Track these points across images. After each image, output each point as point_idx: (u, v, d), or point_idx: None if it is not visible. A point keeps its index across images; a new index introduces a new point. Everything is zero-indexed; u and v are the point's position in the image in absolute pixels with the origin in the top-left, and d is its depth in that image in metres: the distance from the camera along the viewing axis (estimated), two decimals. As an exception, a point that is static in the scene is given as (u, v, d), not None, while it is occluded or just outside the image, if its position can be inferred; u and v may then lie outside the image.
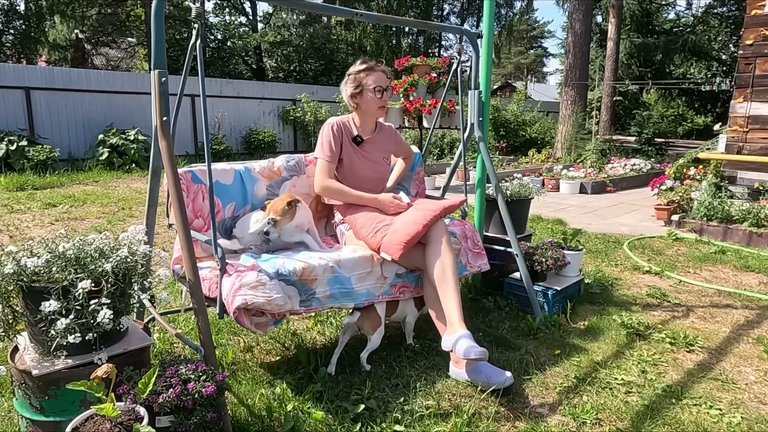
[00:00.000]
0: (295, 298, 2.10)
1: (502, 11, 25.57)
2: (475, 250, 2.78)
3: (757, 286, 3.64)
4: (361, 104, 2.60)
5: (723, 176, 5.78)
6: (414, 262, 2.41)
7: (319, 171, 2.57)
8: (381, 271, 2.37)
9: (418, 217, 2.37)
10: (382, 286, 2.37)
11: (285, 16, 24.26)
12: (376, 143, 2.71)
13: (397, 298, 2.44)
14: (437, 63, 7.13)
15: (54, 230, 4.83)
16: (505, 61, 40.29)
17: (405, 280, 2.46)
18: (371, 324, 2.32)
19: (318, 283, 2.17)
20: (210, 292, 2.11)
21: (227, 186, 2.49)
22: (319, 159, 2.57)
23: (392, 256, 2.28)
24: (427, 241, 2.35)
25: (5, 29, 18.11)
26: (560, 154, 11.82)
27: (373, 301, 2.34)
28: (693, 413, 2.03)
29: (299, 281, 2.11)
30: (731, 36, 21.11)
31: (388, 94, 2.63)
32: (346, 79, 2.61)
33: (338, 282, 2.23)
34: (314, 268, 2.16)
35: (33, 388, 1.56)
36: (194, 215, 2.34)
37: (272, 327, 2.10)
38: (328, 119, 2.63)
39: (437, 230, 2.34)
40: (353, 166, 2.62)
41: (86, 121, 10.17)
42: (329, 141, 2.56)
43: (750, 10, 5.46)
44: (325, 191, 2.57)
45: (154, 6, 1.88)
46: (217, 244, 1.96)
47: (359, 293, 2.29)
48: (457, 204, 2.52)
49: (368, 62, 2.59)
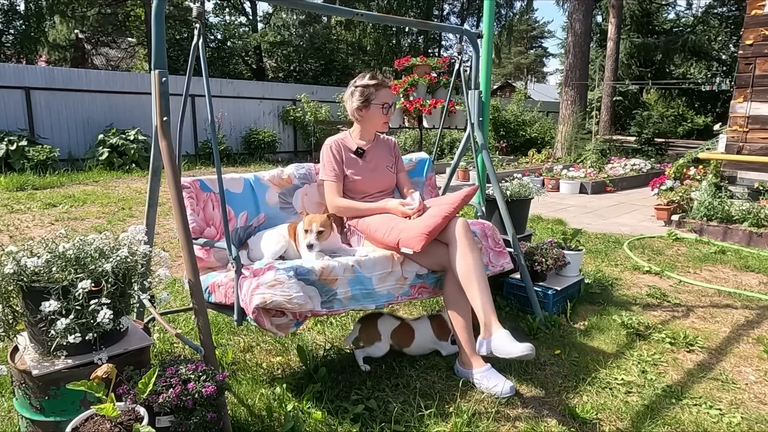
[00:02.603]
0: (316, 298, 2.03)
1: (502, 11, 25.57)
2: (497, 248, 2.72)
3: (757, 286, 3.64)
4: (366, 118, 2.60)
5: (723, 176, 5.78)
6: (437, 261, 2.35)
7: (328, 192, 2.58)
8: (401, 272, 2.30)
9: (436, 210, 2.32)
10: (402, 287, 2.30)
11: (285, 16, 24.25)
12: (377, 152, 2.71)
13: (416, 298, 2.40)
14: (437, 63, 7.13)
15: (54, 230, 4.83)
16: (505, 61, 40.29)
17: (425, 280, 2.39)
18: (368, 337, 2.32)
19: (339, 284, 2.09)
20: (227, 299, 2.05)
21: (237, 195, 2.46)
22: (326, 181, 2.58)
23: (413, 248, 2.19)
24: (449, 240, 2.29)
25: (5, 29, 18.11)
26: (560, 154, 11.82)
27: (393, 302, 2.29)
28: (693, 413, 2.03)
29: (319, 281, 2.04)
30: (731, 36, 21.12)
31: (393, 110, 2.64)
32: (353, 91, 2.58)
33: (359, 282, 2.16)
34: (334, 267, 2.09)
35: (33, 388, 1.56)
36: (205, 224, 2.32)
37: (294, 328, 2.01)
38: (326, 140, 2.63)
39: (459, 228, 2.28)
40: (360, 179, 2.61)
41: (86, 121, 10.17)
42: (331, 161, 2.57)
43: (750, 10, 5.46)
44: (338, 210, 2.54)
45: (154, 6, 1.88)
46: (231, 243, 1.94)
47: (380, 294, 2.22)
48: (471, 193, 2.46)
49: (377, 77, 2.58)
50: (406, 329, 2.41)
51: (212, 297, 2.13)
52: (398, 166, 2.80)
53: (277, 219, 2.55)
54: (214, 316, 2.72)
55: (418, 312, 3.04)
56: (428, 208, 2.41)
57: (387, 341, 2.35)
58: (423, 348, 2.44)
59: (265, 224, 2.53)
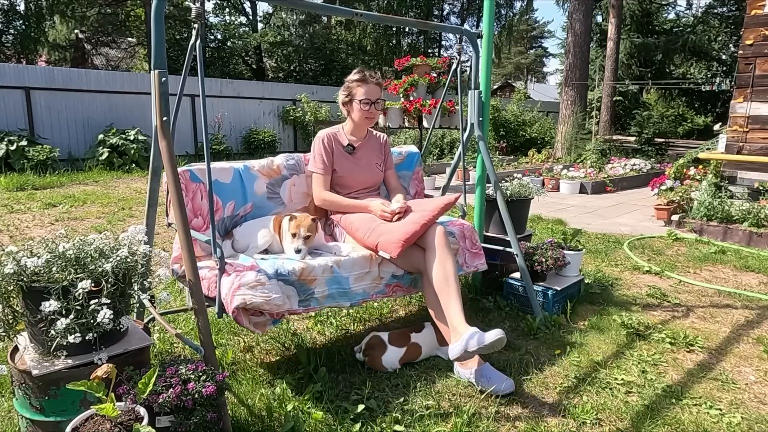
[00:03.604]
0: (294, 298, 2.11)
1: (502, 11, 25.57)
2: (473, 250, 2.79)
3: (757, 286, 3.64)
4: (351, 113, 2.67)
5: (723, 176, 5.78)
6: (413, 264, 2.42)
7: (315, 184, 2.64)
8: (378, 272, 2.38)
9: (416, 217, 2.38)
10: (378, 285, 2.39)
11: (285, 16, 24.24)
12: (368, 149, 2.75)
13: (390, 296, 2.47)
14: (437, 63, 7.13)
15: (54, 230, 4.83)
16: (505, 61, 40.29)
17: (400, 281, 2.48)
18: (372, 362, 2.31)
19: (317, 283, 2.18)
20: (209, 292, 2.11)
21: (226, 184, 2.50)
22: (314, 173, 2.64)
23: (391, 254, 2.28)
24: (427, 246, 2.35)
25: (5, 29, 18.11)
26: (560, 154, 11.82)
27: (367, 300, 2.35)
28: (693, 413, 2.03)
29: (298, 281, 2.12)
30: (731, 36, 21.11)
31: (378, 107, 2.64)
32: (343, 86, 2.66)
33: (336, 282, 2.24)
34: (314, 268, 2.17)
35: (33, 388, 1.56)
36: (193, 214, 2.35)
37: (271, 326, 2.11)
38: (319, 132, 2.67)
39: (437, 235, 2.34)
40: (348, 174, 2.67)
41: (86, 121, 10.18)
42: (321, 154, 2.62)
43: (750, 10, 5.46)
44: (323, 203, 2.63)
45: (154, 6, 1.88)
46: (217, 243, 1.96)
47: (356, 293, 2.30)
48: (452, 201, 2.52)
49: (363, 73, 2.62)
50: (413, 349, 2.38)
51: None
52: (387, 163, 2.84)
53: (264, 208, 2.59)
54: (214, 316, 2.71)
55: (418, 311, 3.04)
56: (410, 212, 2.46)
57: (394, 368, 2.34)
58: (426, 356, 2.45)
59: (251, 213, 2.57)
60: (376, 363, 2.30)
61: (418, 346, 2.39)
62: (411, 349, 2.37)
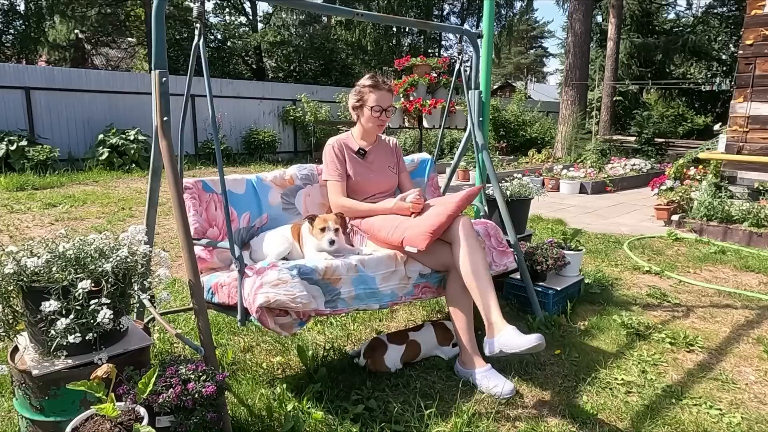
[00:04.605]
0: (320, 298, 2.02)
1: (502, 11, 25.57)
2: (500, 248, 2.72)
3: (757, 286, 3.64)
4: (361, 118, 2.62)
5: (723, 176, 5.78)
6: (440, 260, 2.34)
7: (331, 192, 2.59)
8: (405, 271, 2.29)
9: (440, 209, 2.32)
10: (406, 286, 2.30)
11: (285, 16, 24.23)
12: (379, 153, 2.71)
13: (420, 298, 2.39)
14: (437, 63, 7.13)
15: (54, 230, 4.83)
16: (505, 61, 40.28)
17: (428, 280, 2.38)
18: (374, 365, 2.30)
19: (342, 283, 2.08)
20: (230, 299, 2.04)
21: (240, 195, 2.46)
22: (329, 181, 2.59)
23: (418, 247, 2.19)
24: (453, 239, 2.28)
25: (5, 29, 18.11)
26: (560, 154, 11.82)
27: (397, 302, 2.28)
28: (693, 413, 2.03)
29: (322, 280, 2.03)
30: (731, 36, 21.11)
31: (389, 114, 2.60)
32: (353, 90, 2.62)
33: (363, 282, 2.15)
34: (337, 267, 2.08)
35: (33, 388, 1.56)
36: (208, 224, 2.32)
37: (297, 328, 1.99)
38: (329, 140, 2.63)
39: (463, 226, 2.27)
40: (363, 179, 2.61)
41: (86, 121, 10.17)
42: (333, 161, 2.58)
43: (750, 10, 5.46)
44: (343, 210, 2.53)
45: (154, 6, 1.88)
46: (234, 243, 1.93)
47: (384, 293, 2.21)
48: (475, 192, 2.46)
49: (375, 79, 2.56)
50: (412, 347, 2.38)
51: (215, 297, 2.13)
52: (400, 166, 2.80)
53: (280, 219, 2.55)
54: (214, 316, 2.72)
55: (419, 312, 3.04)
56: (430, 206, 2.40)
57: (396, 367, 2.33)
58: (426, 355, 2.44)
59: (267, 225, 2.52)
60: (379, 364, 2.29)
61: (417, 344, 2.39)
62: (410, 346, 2.36)
